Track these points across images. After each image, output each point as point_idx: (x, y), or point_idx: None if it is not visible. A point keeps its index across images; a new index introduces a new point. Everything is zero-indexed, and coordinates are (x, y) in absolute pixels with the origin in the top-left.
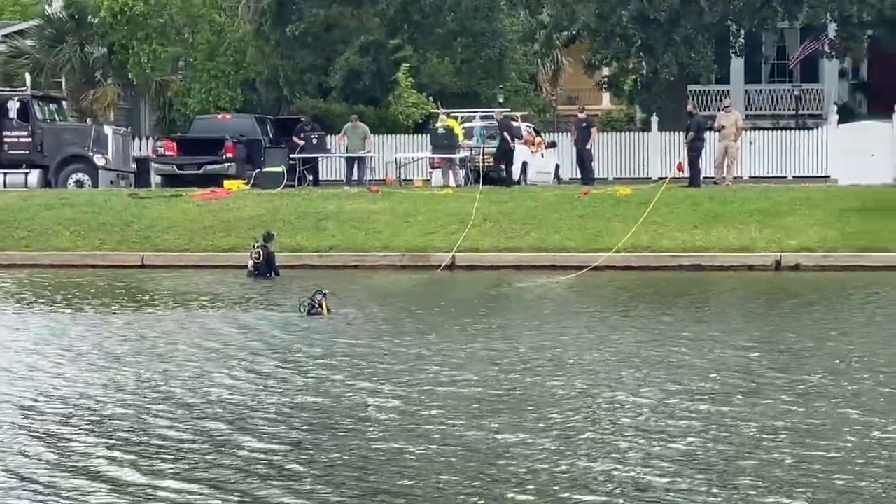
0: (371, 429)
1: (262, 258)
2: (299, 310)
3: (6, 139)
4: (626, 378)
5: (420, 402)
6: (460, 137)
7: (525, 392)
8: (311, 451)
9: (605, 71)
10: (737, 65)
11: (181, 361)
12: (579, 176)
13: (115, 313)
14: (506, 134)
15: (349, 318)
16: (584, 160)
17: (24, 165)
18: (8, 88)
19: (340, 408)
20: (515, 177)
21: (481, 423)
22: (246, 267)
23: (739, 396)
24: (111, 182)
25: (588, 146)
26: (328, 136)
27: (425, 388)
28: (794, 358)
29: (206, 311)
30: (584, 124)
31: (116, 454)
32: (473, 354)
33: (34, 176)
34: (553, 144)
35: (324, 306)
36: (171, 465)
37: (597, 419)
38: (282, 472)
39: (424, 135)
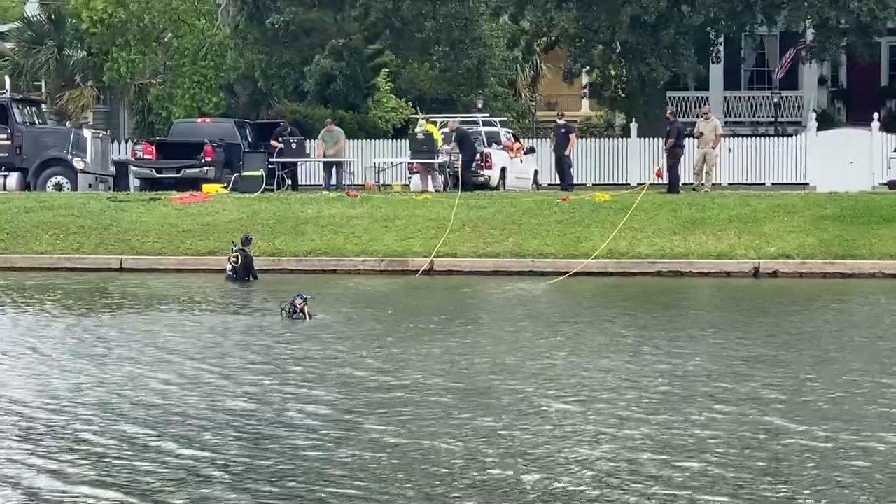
0: (299, 434)
1: (240, 262)
2: (280, 314)
3: None
4: (566, 385)
5: (354, 408)
6: (439, 143)
7: (460, 397)
8: (234, 457)
9: (585, 78)
10: (716, 71)
11: (121, 365)
12: (558, 182)
13: (78, 316)
14: (467, 143)
15: (315, 323)
16: (563, 166)
17: (3, 168)
18: None
19: (273, 413)
20: (494, 182)
21: (411, 428)
22: (224, 271)
23: (669, 404)
24: (90, 185)
25: (567, 152)
26: (307, 141)
27: (364, 393)
28: (741, 366)
29: (177, 315)
30: (563, 130)
31: (36, 460)
32: (425, 359)
33: (13, 179)
34: (532, 150)
35: (305, 311)
36: (89, 471)
37: (527, 425)
38: (199, 477)
39: (404, 140)
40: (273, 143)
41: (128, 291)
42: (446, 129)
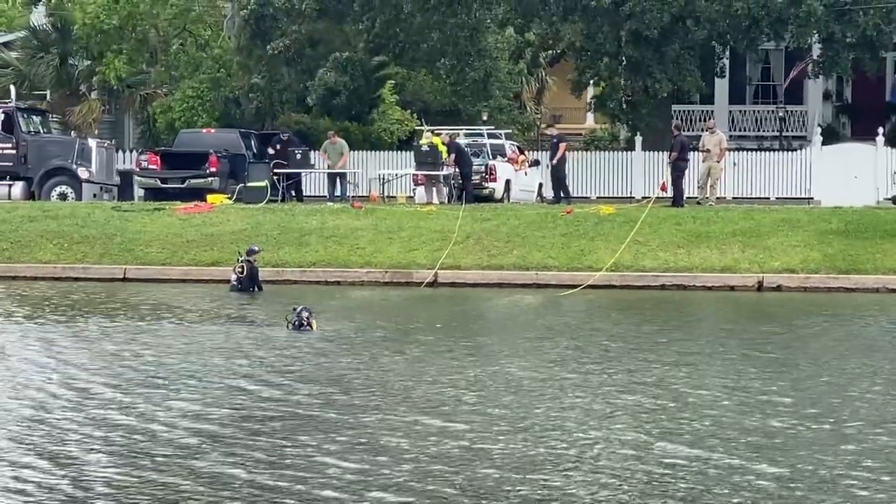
0: (165, 450)
1: (245, 272)
2: (286, 326)
3: None
4: (465, 400)
5: (232, 422)
6: (444, 155)
7: (353, 411)
8: (97, 471)
9: (591, 91)
10: (721, 86)
11: (13, 376)
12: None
13: (54, 325)
14: (463, 155)
15: (271, 336)
16: (555, 177)
17: (8, 177)
18: None
19: (141, 426)
20: (498, 195)
21: (283, 442)
22: (229, 281)
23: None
24: (94, 195)
25: (553, 161)
26: (312, 152)
27: (253, 408)
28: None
29: (130, 324)
30: (555, 141)
31: None
32: (367, 372)
33: (18, 188)
34: (536, 163)
35: (312, 323)
36: None
37: (391, 443)
38: (48, 490)
39: (408, 151)
40: (270, 150)
41: (127, 301)
42: (478, 140)
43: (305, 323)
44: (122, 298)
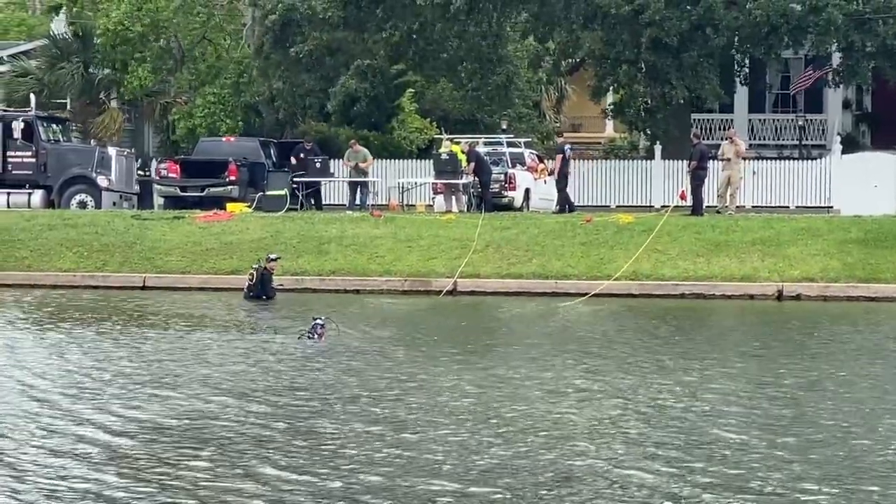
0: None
1: (255, 280)
2: (298, 337)
3: (10, 159)
4: (434, 408)
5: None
6: (463, 163)
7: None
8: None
9: (611, 99)
10: (741, 94)
11: None
12: (580, 204)
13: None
14: (482, 164)
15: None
16: (557, 188)
17: (28, 185)
18: (13, 109)
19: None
20: (518, 203)
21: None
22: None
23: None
24: (114, 203)
25: (568, 170)
26: (331, 160)
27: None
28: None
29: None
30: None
31: None
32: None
33: (37, 196)
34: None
35: (323, 335)
36: None
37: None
38: None
39: (428, 160)
40: (293, 159)
41: (123, 309)
42: (497, 148)
43: (317, 336)
44: (126, 307)
